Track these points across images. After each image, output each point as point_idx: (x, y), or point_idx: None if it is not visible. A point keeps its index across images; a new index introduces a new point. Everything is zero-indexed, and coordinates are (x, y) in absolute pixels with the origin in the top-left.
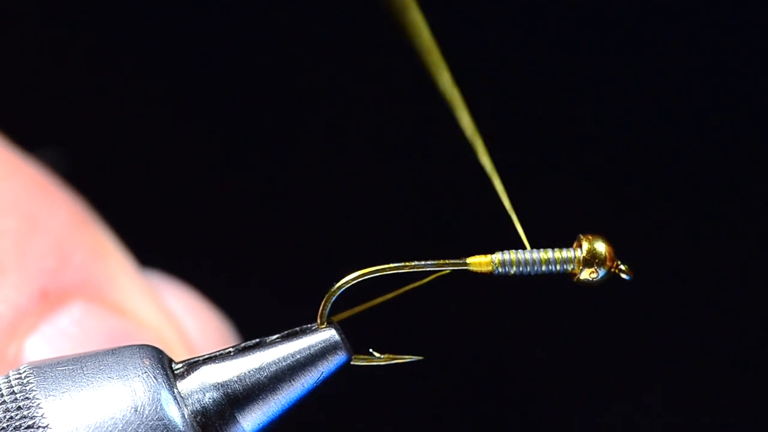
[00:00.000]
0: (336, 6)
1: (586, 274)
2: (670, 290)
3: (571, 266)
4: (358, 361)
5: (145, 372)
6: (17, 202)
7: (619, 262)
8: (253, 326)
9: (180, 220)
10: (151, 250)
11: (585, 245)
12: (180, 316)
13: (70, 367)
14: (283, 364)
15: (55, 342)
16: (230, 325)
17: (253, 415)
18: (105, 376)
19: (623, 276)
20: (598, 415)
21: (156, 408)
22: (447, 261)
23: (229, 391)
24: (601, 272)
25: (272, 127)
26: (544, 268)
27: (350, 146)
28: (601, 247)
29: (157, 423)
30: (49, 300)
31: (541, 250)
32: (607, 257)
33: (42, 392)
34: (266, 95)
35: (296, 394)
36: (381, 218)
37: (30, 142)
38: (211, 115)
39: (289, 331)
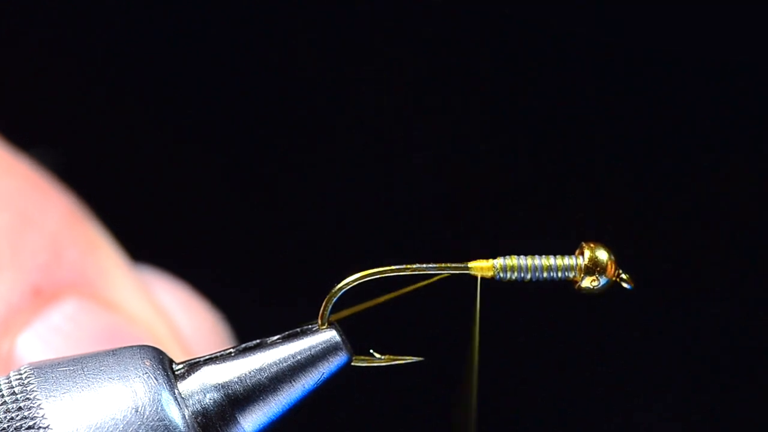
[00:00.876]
0: (336, 6)
1: (587, 282)
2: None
3: (573, 274)
4: (359, 362)
5: (146, 373)
6: (10, 200)
7: (620, 271)
8: (253, 327)
9: (179, 221)
10: (150, 251)
11: (587, 253)
12: (172, 311)
13: (71, 368)
14: (284, 364)
15: (47, 338)
16: (228, 324)
17: (253, 415)
18: (106, 376)
19: (624, 285)
20: (598, 415)
21: (157, 409)
22: (449, 264)
23: (230, 391)
24: (602, 281)
25: (273, 126)
26: (545, 274)
27: (351, 146)
28: (603, 255)
29: (157, 424)
30: (41, 296)
31: (543, 256)
32: (609, 266)
33: (43, 393)
34: (266, 94)
35: (297, 395)
36: (382, 219)
37: (24, 141)
38: (209, 111)
39: (290, 331)
